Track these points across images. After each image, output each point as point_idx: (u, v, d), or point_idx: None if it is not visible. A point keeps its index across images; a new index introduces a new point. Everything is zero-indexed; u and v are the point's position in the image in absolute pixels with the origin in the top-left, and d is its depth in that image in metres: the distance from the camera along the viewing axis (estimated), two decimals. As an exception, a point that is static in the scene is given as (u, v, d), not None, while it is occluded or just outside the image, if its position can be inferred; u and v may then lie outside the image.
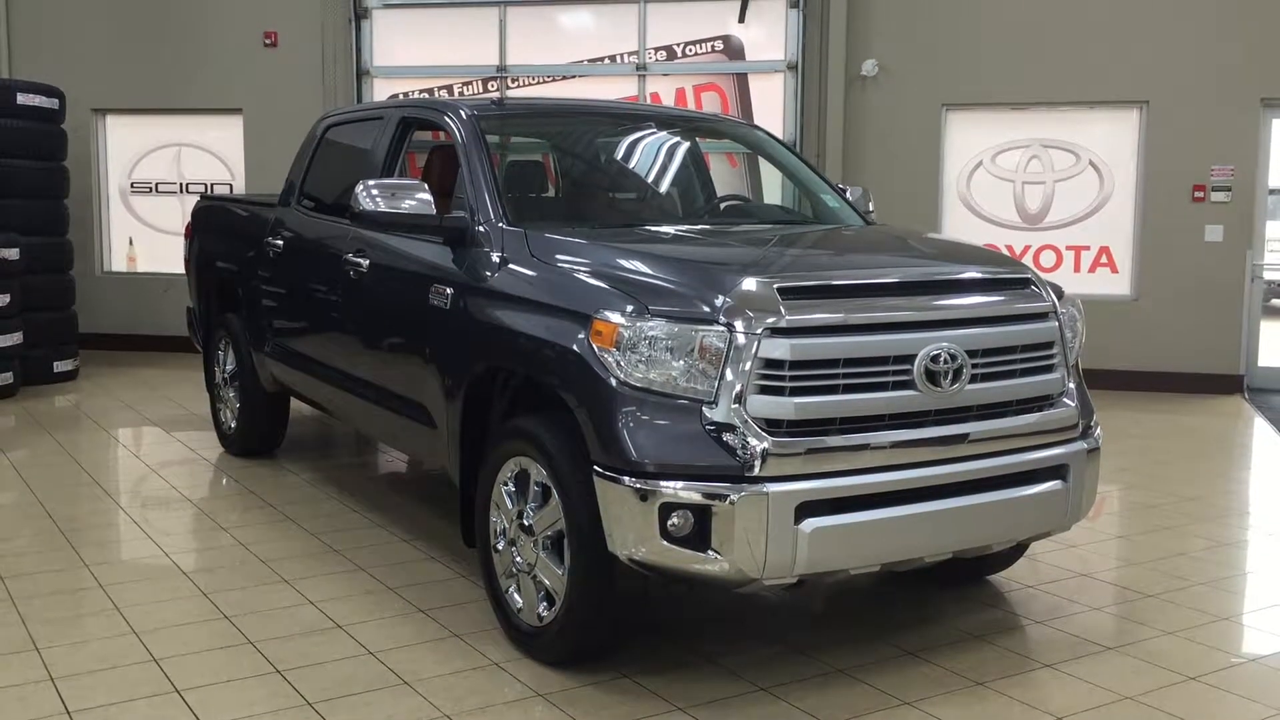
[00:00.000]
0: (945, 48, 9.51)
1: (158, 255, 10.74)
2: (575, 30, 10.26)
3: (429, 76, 10.23)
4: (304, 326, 5.67)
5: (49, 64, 10.33)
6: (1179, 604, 4.37)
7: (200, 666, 3.65)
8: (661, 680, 3.57)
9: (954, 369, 3.47)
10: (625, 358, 3.32)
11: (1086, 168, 9.56)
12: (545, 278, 3.82)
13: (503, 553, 3.84)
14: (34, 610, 4.12)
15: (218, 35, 10.38)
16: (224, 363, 6.55)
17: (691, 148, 5.48)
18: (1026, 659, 3.83)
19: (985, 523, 3.62)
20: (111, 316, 10.64)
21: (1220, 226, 9.19)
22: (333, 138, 5.83)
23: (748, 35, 9.91)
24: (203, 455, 6.60)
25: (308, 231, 5.61)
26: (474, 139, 4.50)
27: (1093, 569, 4.80)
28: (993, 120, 9.68)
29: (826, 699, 3.47)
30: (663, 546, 3.24)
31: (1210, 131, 9.13)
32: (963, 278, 3.77)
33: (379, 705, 3.39)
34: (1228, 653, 3.92)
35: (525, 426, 3.69)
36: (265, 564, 4.67)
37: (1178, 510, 5.76)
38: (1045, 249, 9.67)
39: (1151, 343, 9.32)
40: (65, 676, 3.55)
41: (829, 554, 3.31)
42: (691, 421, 3.27)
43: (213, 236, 6.79)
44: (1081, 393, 3.94)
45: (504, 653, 3.77)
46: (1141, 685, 3.61)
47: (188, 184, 10.80)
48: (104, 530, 5.20)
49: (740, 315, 3.28)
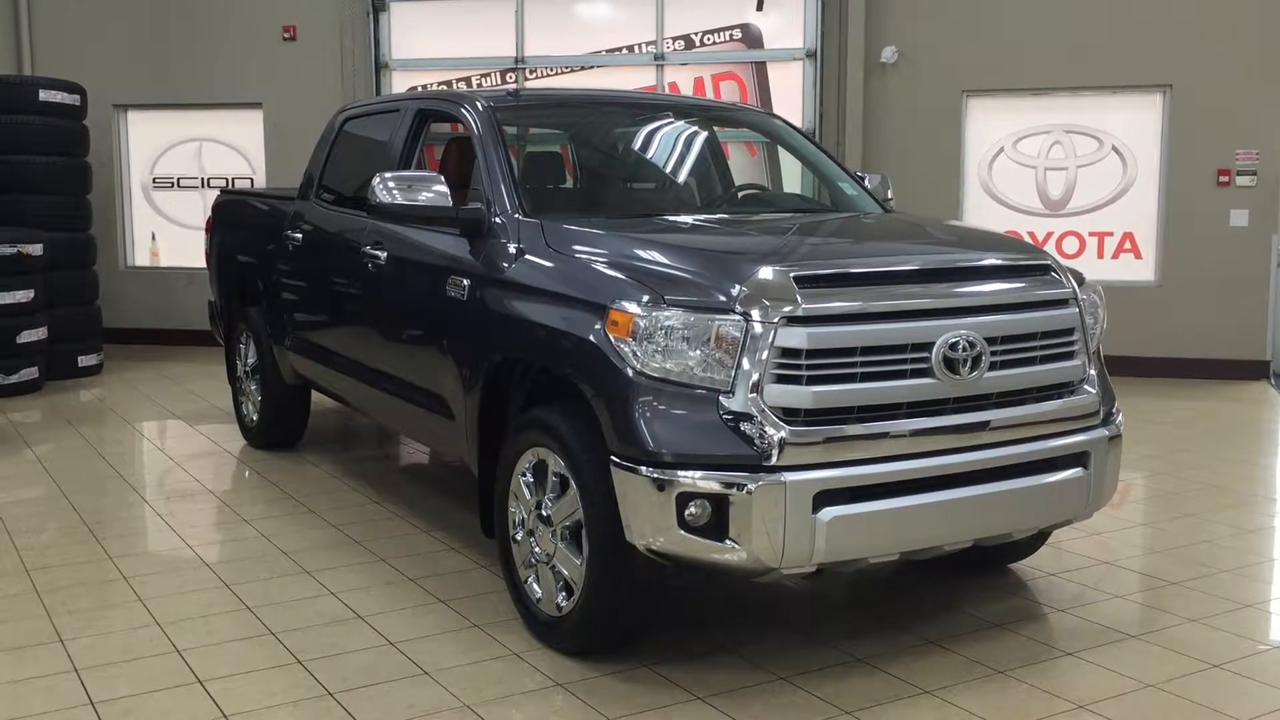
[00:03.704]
0: (965, 34, 9.43)
1: (180, 250, 10.79)
2: (593, 20, 10.25)
3: (447, 69, 10.25)
4: (323, 319, 5.69)
5: (70, 61, 10.39)
6: (1203, 591, 4.34)
7: (223, 657, 3.68)
8: (680, 669, 3.57)
9: (973, 356, 3.44)
10: (641, 348, 3.31)
11: (1109, 153, 9.46)
12: (561, 268, 3.82)
13: (521, 543, 3.85)
14: (58, 602, 4.16)
15: (237, 30, 10.42)
16: (245, 356, 6.59)
17: (708, 137, 5.46)
18: (1048, 647, 3.81)
19: (1005, 511, 3.59)
20: (135, 311, 10.72)
21: (1245, 211, 9.08)
22: (350, 130, 5.84)
23: (766, 23, 9.86)
24: (225, 448, 6.65)
25: (326, 224, 5.63)
26: (490, 130, 4.50)
27: (1116, 556, 4.77)
28: (1014, 106, 9.60)
29: (845, 687, 3.46)
30: (680, 536, 3.24)
31: (1234, 115, 9.01)
32: (981, 264, 3.75)
33: (399, 695, 3.40)
34: (1252, 640, 3.89)
35: (542, 417, 3.69)
36: (287, 555, 4.70)
37: (1202, 497, 5.71)
38: (1068, 235, 9.59)
39: (1176, 329, 9.23)
40: (89, 668, 3.59)
41: (847, 543, 3.30)
42: (708, 411, 3.27)
43: (233, 230, 6.83)
44: (1103, 379, 3.91)
45: (524, 643, 3.78)
46: (1164, 673, 3.59)
47: (209, 178, 10.85)
48: (128, 523, 5.25)
49: (757, 304, 3.27)
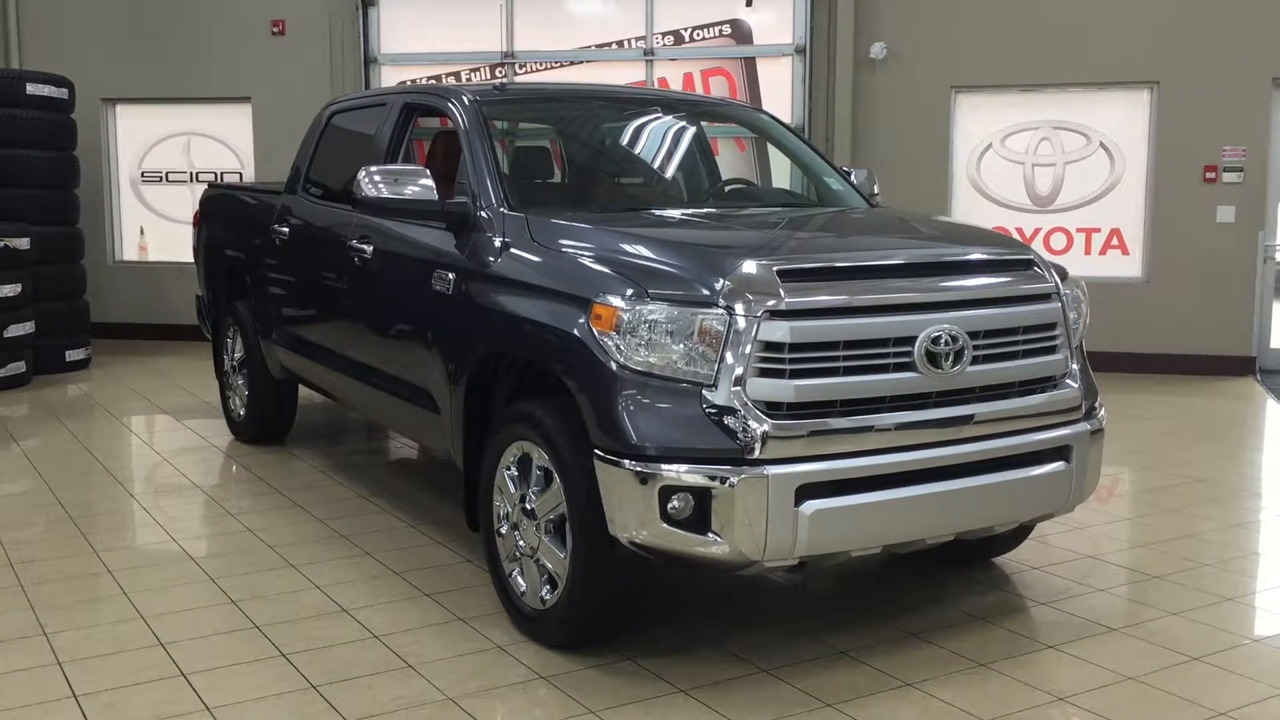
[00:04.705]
0: (954, 30, 9.46)
1: (169, 244, 10.77)
2: (582, 15, 10.24)
3: (436, 63, 10.24)
4: (310, 313, 5.69)
5: (58, 54, 10.37)
6: (1186, 585, 4.36)
7: (207, 650, 3.68)
8: (664, 662, 3.58)
9: (955, 351, 3.46)
10: (625, 341, 3.32)
11: (1097, 149, 9.49)
12: (546, 262, 3.82)
13: (506, 537, 3.86)
14: (43, 596, 4.16)
15: (226, 24, 10.40)
16: (232, 350, 6.58)
17: (694, 132, 5.46)
18: (1030, 640, 3.83)
19: (987, 504, 3.61)
20: (123, 305, 10.70)
21: (1232, 207, 9.12)
22: (338, 124, 5.83)
23: (755, 19, 9.87)
24: (213, 443, 6.64)
25: (313, 218, 5.62)
26: (475, 124, 4.50)
27: (1101, 551, 4.79)
28: (1002, 102, 9.63)
29: (828, 680, 3.48)
30: (663, 529, 3.25)
31: (1221, 112, 9.05)
32: (964, 259, 3.76)
33: (383, 688, 3.41)
34: (1232, 633, 3.91)
35: (527, 410, 3.70)
36: (273, 549, 4.70)
37: (1188, 492, 5.74)
38: (1056, 231, 9.62)
39: (1163, 325, 9.27)
40: (72, 661, 3.59)
41: (829, 536, 3.31)
42: (691, 404, 3.28)
43: (220, 225, 6.82)
44: (1085, 374, 3.93)
45: (508, 636, 3.79)
46: (1145, 666, 3.61)
47: (198, 173, 10.83)
48: (114, 517, 5.24)
49: (740, 298, 3.28)
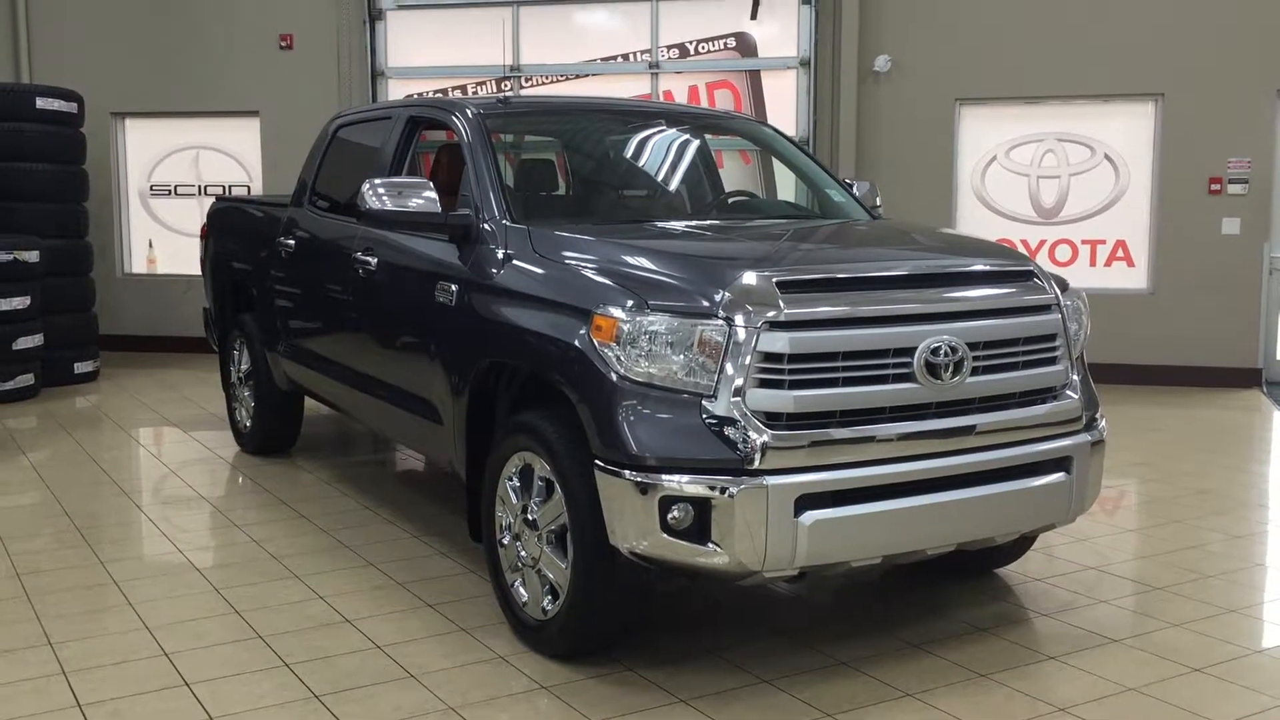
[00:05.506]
0: (958, 42, 9.48)
1: (177, 257, 10.83)
2: (588, 29, 10.29)
3: (443, 77, 10.29)
4: (315, 325, 5.72)
5: (68, 69, 10.44)
6: (1189, 596, 4.36)
7: (210, 660, 3.70)
8: (665, 673, 3.59)
9: (954, 362, 3.47)
10: (626, 352, 3.34)
11: (1102, 161, 9.50)
12: (548, 274, 3.85)
13: (508, 547, 3.87)
14: (49, 606, 4.18)
15: (234, 38, 10.47)
16: (239, 362, 6.62)
17: (697, 144, 5.49)
18: (1031, 651, 3.83)
19: (987, 515, 3.62)
20: (132, 318, 10.76)
21: (1237, 219, 9.12)
22: (343, 137, 5.88)
23: (760, 32, 9.90)
24: (219, 454, 6.67)
25: (319, 231, 5.66)
26: (479, 137, 4.54)
27: (1104, 562, 4.79)
28: (1006, 114, 9.64)
29: (828, 691, 3.48)
30: (664, 540, 3.26)
31: (1226, 123, 9.06)
32: (963, 270, 3.78)
33: (385, 698, 3.42)
34: (1236, 644, 3.90)
35: (529, 422, 3.72)
36: (277, 560, 4.72)
37: (1193, 503, 5.73)
38: (1061, 243, 9.62)
39: (1168, 336, 9.26)
40: (77, 670, 3.61)
41: (829, 546, 3.32)
42: (691, 415, 3.29)
43: (227, 237, 6.86)
44: (1086, 385, 3.94)
45: (509, 646, 3.80)
46: (1146, 677, 3.61)
47: (206, 186, 10.89)
48: (121, 528, 5.27)
49: (739, 309, 3.30)
